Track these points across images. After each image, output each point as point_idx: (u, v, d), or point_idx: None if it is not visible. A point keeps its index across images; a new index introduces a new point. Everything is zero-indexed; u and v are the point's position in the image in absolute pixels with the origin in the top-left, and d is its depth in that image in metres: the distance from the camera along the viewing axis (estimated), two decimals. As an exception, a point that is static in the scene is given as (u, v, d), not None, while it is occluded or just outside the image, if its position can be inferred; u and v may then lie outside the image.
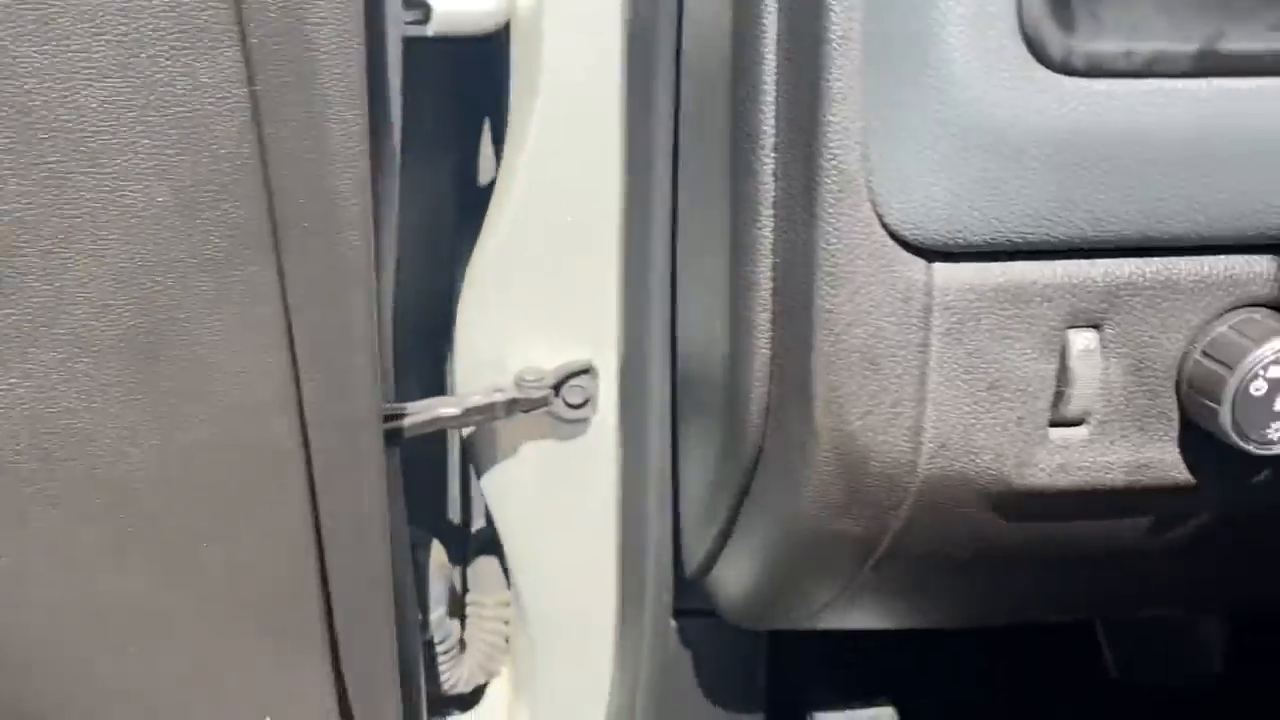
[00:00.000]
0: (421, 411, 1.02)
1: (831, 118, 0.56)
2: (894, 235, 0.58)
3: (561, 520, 1.16)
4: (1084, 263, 0.61)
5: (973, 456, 0.64)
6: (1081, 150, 0.56)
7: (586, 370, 1.09)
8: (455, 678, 1.28)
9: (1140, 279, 0.61)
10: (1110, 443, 0.65)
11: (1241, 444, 0.61)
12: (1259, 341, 0.60)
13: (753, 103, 0.61)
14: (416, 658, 1.13)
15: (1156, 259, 0.61)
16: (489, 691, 1.37)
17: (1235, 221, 0.59)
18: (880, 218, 0.58)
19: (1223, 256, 0.62)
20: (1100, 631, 1.57)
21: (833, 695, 1.29)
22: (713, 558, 0.91)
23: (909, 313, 0.60)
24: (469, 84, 1.14)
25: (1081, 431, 0.65)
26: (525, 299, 1.08)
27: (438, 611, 1.22)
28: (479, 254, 1.07)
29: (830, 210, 0.58)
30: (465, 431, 1.15)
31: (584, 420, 1.11)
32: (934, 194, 0.56)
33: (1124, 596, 0.86)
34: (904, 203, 0.57)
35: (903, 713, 1.30)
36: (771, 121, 0.60)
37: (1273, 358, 0.60)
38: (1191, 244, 0.60)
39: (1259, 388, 0.60)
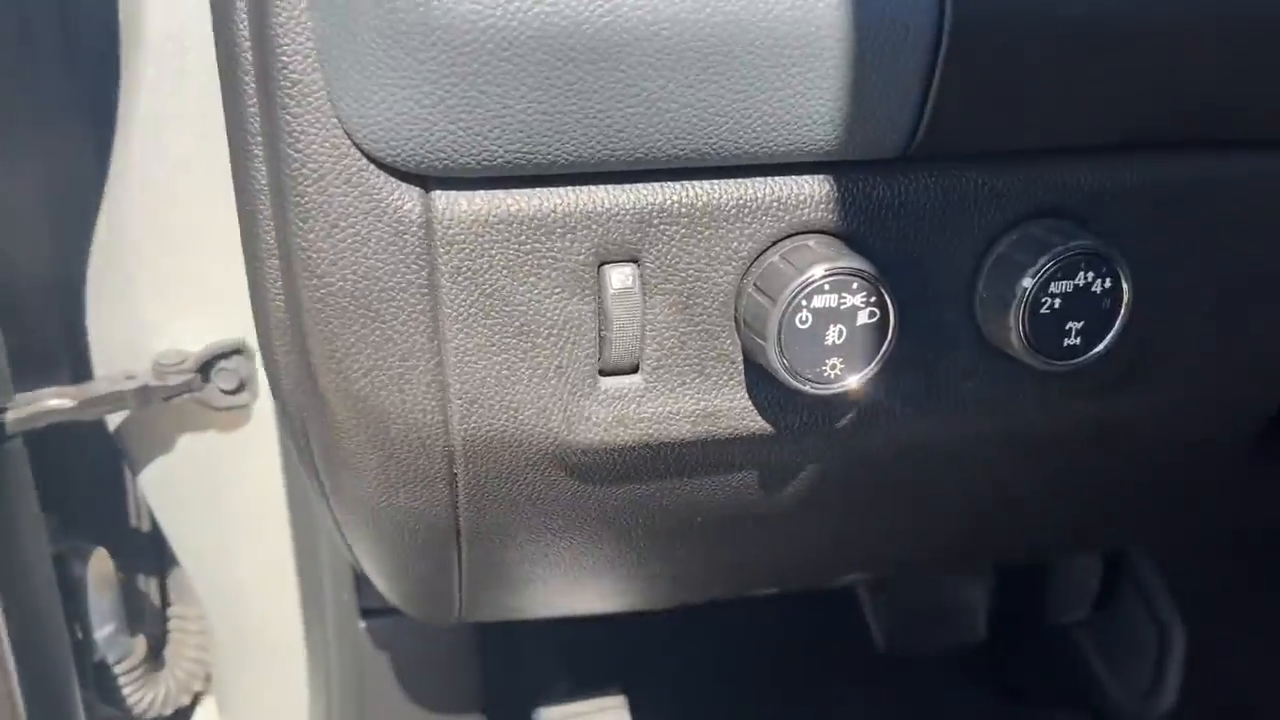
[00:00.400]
0: (26, 405, 0.91)
1: (277, 18, 0.48)
2: (373, 158, 0.50)
3: (230, 520, 1.06)
4: (612, 188, 0.54)
5: (513, 413, 0.57)
6: (559, 52, 0.48)
7: (239, 351, 1.00)
8: (149, 699, 1.17)
9: (677, 205, 0.55)
10: (670, 391, 0.58)
11: (795, 383, 0.55)
12: (802, 269, 0.54)
13: (228, 11, 0.52)
14: (63, 680, 1.01)
15: (692, 182, 0.55)
16: (199, 711, 1.25)
17: (764, 136, 0.53)
18: (351, 137, 0.50)
19: (767, 179, 0.56)
20: (864, 604, 1.55)
21: (561, 688, 1.22)
22: (350, 548, 0.83)
23: (405, 249, 0.52)
24: (105, 49, 1.03)
25: (636, 380, 0.58)
26: (160, 275, 0.98)
27: (106, 628, 1.10)
28: (102, 229, 0.97)
29: (290, 128, 0.49)
30: (113, 426, 1.04)
31: (242, 407, 1.02)
32: (399, 108, 0.48)
33: (765, 567, 0.80)
34: (370, 119, 0.49)
35: (638, 698, 1.24)
36: (245, 33, 0.52)
37: (815, 286, 0.54)
38: (720, 163, 0.54)
39: (804, 319, 0.55)
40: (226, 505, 1.04)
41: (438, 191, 0.52)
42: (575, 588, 0.81)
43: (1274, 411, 0.71)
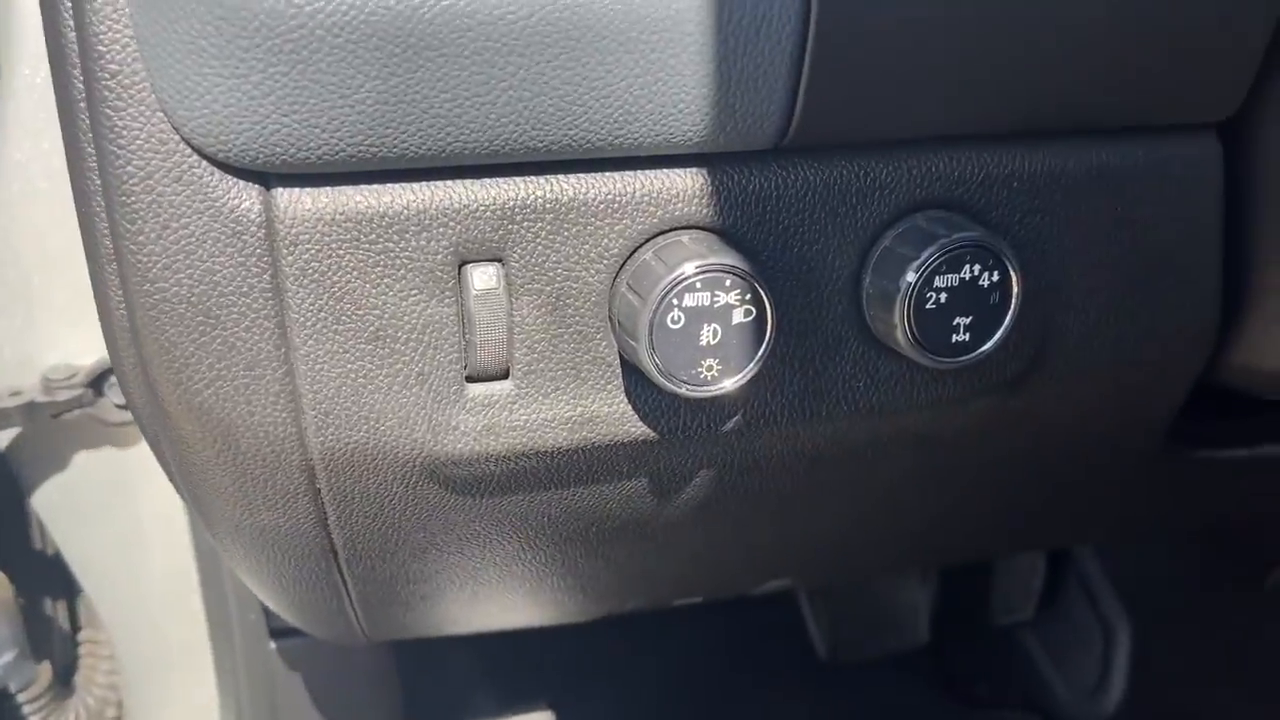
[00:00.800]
0: (-100, 423, 0.87)
1: (92, 3, 0.45)
2: (204, 154, 0.47)
3: (130, 540, 1.02)
4: (471, 183, 0.51)
5: (373, 424, 0.54)
6: (395, 37, 0.46)
7: (131, 365, 0.96)
8: (56, 728, 1.12)
9: (542, 201, 0.52)
10: (543, 396, 0.55)
11: (670, 386, 0.53)
12: (673, 266, 0.52)
13: (53, 1, 0.49)
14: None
15: (558, 177, 0.52)
16: (113, 739, 1.21)
17: (626, 127, 0.50)
18: (178, 131, 0.47)
19: (637, 172, 0.53)
20: (804, 610, 1.52)
21: (485, 705, 1.19)
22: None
23: (245, 250, 0.49)
24: None
25: (506, 386, 0.55)
26: (48, 286, 0.94)
27: (6, 655, 1.06)
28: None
29: (112, 123, 0.46)
30: (3, 445, 1.00)
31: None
32: (226, 99, 0.45)
33: (678, 575, 0.77)
34: (196, 112, 0.46)
35: (566, 714, 1.21)
36: (69, 21, 0.48)
37: (687, 283, 0.51)
38: (584, 155, 0.51)
39: (676, 319, 0.52)
40: (126, 524, 1.00)
41: (279, 189, 0.49)
42: (479, 604, 0.77)
43: (1181, 402, 0.69)
